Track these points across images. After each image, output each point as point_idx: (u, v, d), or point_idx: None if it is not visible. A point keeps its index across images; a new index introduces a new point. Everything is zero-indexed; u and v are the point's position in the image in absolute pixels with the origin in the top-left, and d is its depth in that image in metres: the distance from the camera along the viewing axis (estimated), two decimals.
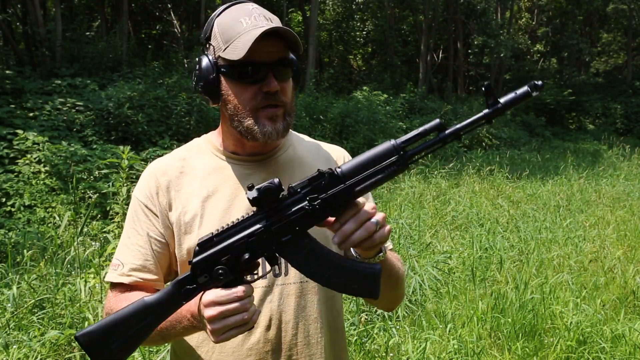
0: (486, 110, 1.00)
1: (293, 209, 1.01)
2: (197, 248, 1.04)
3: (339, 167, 1.01)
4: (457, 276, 4.57)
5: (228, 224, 1.04)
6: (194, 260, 1.03)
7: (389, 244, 1.33)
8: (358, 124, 11.95)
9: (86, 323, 3.22)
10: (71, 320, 3.26)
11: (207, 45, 1.18)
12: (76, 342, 3.13)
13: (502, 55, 19.80)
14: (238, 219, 1.04)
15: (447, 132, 1.01)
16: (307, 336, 1.23)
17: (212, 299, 0.99)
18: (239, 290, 0.99)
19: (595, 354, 3.31)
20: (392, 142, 1.01)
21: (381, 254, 1.11)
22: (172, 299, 1.04)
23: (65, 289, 3.60)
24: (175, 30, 16.57)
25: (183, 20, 17.34)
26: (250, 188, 1.00)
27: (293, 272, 1.22)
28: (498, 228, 6.12)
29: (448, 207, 7.08)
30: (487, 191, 8.48)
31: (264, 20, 1.13)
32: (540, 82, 0.98)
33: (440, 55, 23.10)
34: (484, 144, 15.13)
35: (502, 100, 1.00)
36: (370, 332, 3.44)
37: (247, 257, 1.02)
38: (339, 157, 1.36)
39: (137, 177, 6.21)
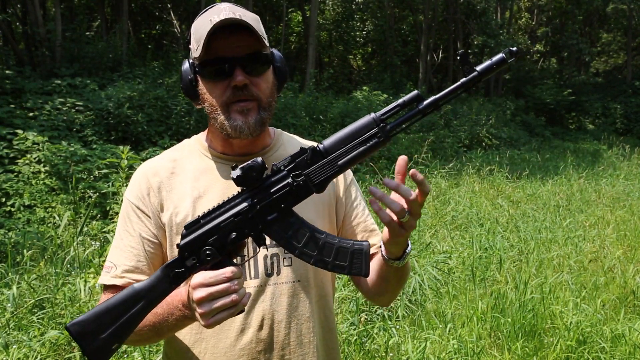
0: (463, 79, 1.00)
1: (277, 187, 1.02)
2: (184, 231, 1.04)
3: (321, 143, 1.02)
4: (457, 276, 4.57)
5: (214, 206, 1.04)
6: (181, 242, 1.03)
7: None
8: None
9: None
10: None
11: (189, 50, 1.21)
12: (75, 343, 3.13)
13: None
14: (224, 200, 1.04)
15: (425, 102, 1.01)
16: (300, 336, 1.23)
17: (200, 281, 0.98)
18: (227, 271, 0.98)
19: (595, 354, 3.31)
20: (372, 115, 1.02)
21: (408, 249, 1.11)
22: (161, 284, 1.03)
23: (65, 289, 3.60)
24: (175, 30, 16.57)
25: (183, 20, 17.32)
26: (234, 168, 1.01)
27: (285, 271, 1.22)
28: (498, 228, 6.12)
29: (448, 207, 7.07)
30: (487, 191, 8.48)
31: (232, 16, 1.12)
32: (515, 48, 0.98)
33: (440, 55, 23.10)
34: (483, 143, 15.12)
35: (478, 68, 1.00)
36: (370, 332, 3.44)
37: (233, 236, 1.02)
38: None
39: None
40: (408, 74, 20.86)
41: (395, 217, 1.00)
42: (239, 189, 1.05)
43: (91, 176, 6.82)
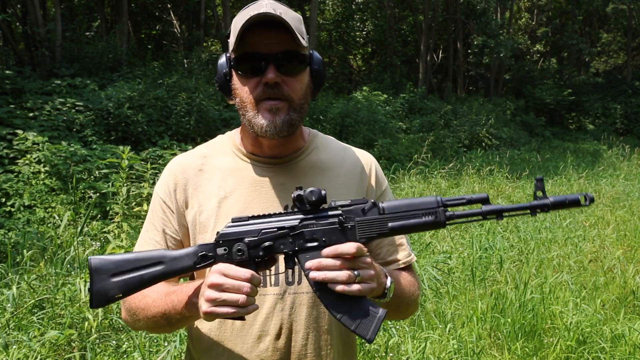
0: (534, 202, 1.03)
1: (327, 220, 1.05)
2: (230, 222, 1.07)
3: (382, 203, 1.06)
4: (457, 276, 4.57)
5: (267, 213, 1.08)
6: (222, 230, 1.05)
7: (410, 257, 1.31)
8: (358, 124, 11.95)
9: (86, 323, 3.22)
10: (71, 320, 3.26)
11: (228, 44, 1.19)
12: (75, 343, 3.13)
13: (502, 55, 19.78)
14: (279, 212, 1.09)
15: (490, 208, 1.04)
16: (318, 347, 1.21)
17: (221, 268, 1.00)
18: (248, 272, 0.99)
19: (595, 354, 3.31)
20: (438, 197, 1.06)
21: (384, 299, 1.11)
22: (187, 259, 1.06)
23: (65, 289, 3.60)
24: (175, 30, 16.57)
25: (183, 20, 17.33)
26: (298, 188, 1.06)
27: (306, 281, 1.20)
28: (498, 228, 6.12)
29: None
30: (487, 191, 8.48)
31: (270, 12, 1.09)
32: (592, 195, 1.01)
33: (440, 55, 23.08)
34: (483, 144, 15.12)
35: (551, 199, 1.03)
36: None
37: (267, 245, 1.04)
38: (368, 163, 1.32)
39: (137, 177, 6.21)
40: (408, 74, 20.84)
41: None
42: (268, 193, 1.16)
43: (91, 176, 6.81)
